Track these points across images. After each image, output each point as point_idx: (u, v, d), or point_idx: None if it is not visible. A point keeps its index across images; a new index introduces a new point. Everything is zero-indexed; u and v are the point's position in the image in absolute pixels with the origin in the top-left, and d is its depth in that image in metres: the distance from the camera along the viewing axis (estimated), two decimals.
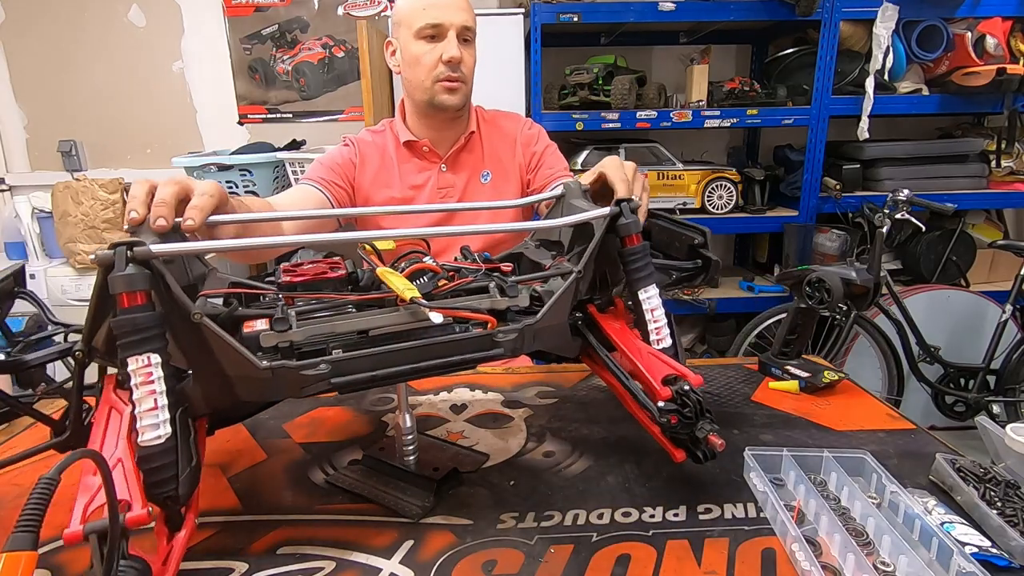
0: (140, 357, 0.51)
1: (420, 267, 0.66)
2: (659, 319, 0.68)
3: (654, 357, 0.67)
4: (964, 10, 2.37)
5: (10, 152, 2.86)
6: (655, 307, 0.69)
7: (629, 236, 0.69)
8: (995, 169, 2.64)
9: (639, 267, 0.68)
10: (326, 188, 1.21)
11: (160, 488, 0.52)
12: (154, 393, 0.52)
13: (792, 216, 2.55)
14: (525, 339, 0.65)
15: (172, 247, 0.55)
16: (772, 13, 2.32)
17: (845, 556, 0.58)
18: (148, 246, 0.52)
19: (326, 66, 2.81)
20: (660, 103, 2.43)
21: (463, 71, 1.19)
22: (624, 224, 0.68)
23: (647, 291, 0.69)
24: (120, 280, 0.50)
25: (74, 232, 2.39)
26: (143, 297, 0.51)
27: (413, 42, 1.18)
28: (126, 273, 0.51)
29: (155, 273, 0.52)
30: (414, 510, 0.69)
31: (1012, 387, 2.30)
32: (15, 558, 0.42)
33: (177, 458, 0.53)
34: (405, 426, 0.75)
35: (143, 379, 0.52)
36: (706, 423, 0.62)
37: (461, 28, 1.17)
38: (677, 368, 0.64)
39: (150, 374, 0.52)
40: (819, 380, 0.97)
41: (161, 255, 0.52)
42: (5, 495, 0.75)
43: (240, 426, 0.91)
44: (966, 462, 0.73)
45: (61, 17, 2.72)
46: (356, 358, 0.58)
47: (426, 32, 1.16)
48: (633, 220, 0.68)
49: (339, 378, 0.57)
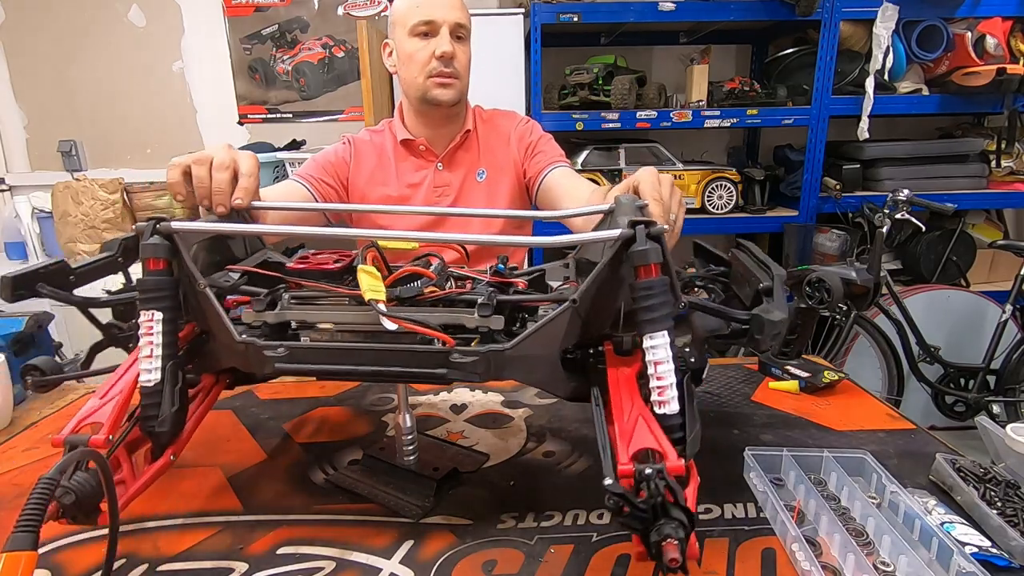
0: (147, 312, 0.60)
1: (410, 271, 0.65)
2: (663, 376, 0.55)
3: (641, 422, 0.53)
4: (964, 10, 2.37)
5: (10, 152, 2.86)
6: (660, 360, 0.54)
7: (643, 266, 0.56)
8: (995, 169, 2.64)
9: (649, 306, 0.55)
10: (312, 185, 1.23)
11: (148, 422, 0.61)
12: (151, 344, 0.60)
13: (792, 216, 2.55)
14: (492, 365, 0.59)
15: (188, 225, 0.63)
16: (772, 13, 2.33)
17: (845, 556, 0.58)
18: (170, 222, 0.61)
19: (326, 66, 2.81)
20: (660, 103, 2.43)
21: (456, 67, 1.20)
22: (637, 252, 0.55)
23: (653, 338, 0.54)
24: (146, 248, 0.61)
25: (74, 232, 2.39)
26: (163, 264, 0.61)
27: (407, 40, 1.20)
28: (150, 243, 0.61)
29: (174, 245, 0.61)
30: (414, 510, 0.69)
31: (1012, 387, 2.30)
32: (15, 558, 0.42)
33: (161, 401, 0.61)
34: (405, 426, 0.75)
35: (146, 331, 0.60)
36: (670, 525, 0.46)
37: (454, 25, 1.19)
38: (660, 445, 0.50)
39: (151, 328, 0.60)
40: (819, 380, 0.97)
41: (179, 231, 0.62)
42: (5, 495, 0.75)
43: (240, 426, 0.91)
44: (966, 462, 0.73)
45: (61, 17, 2.72)
46: (311, 348, 0.63)
47: (419, 29, 1.18)
48: (650, 248, 0.55)
49: (290, 364, 0.62)
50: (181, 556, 0.63)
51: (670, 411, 0.54)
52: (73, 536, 0.66)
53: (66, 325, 2.39)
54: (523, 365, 0.60)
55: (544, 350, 0.60)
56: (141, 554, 0.63)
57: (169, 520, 0.69)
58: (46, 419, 0.96)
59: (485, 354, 0.59)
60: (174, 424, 0.63)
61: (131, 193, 2.49)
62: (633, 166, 2.46)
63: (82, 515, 0.54)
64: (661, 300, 0.55)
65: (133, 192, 2.49)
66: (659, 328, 0.55)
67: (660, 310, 0.55)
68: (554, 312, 0.59)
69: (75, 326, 2.43)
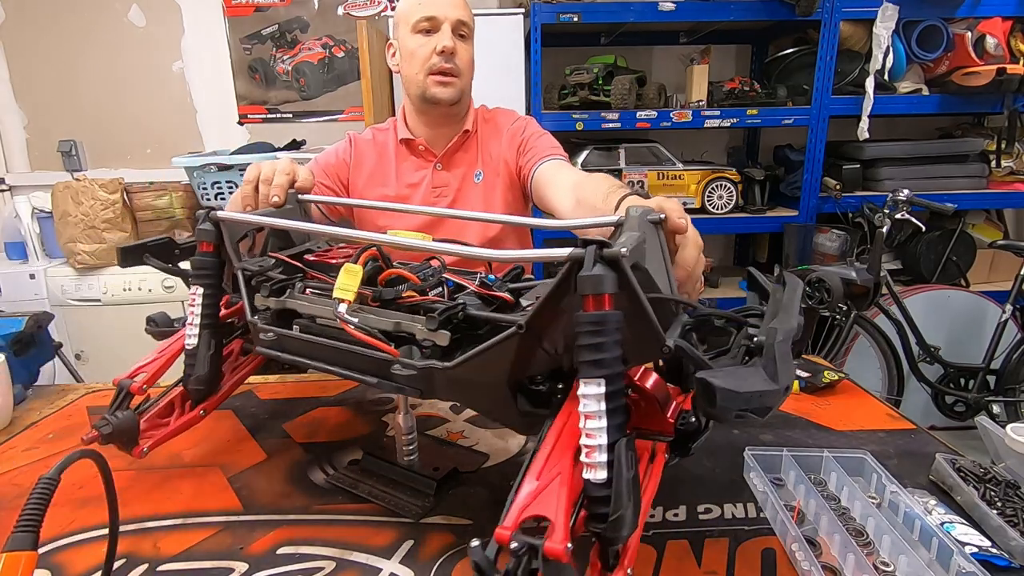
0: (193, 287, 0.73)
1: (395, 273, 0.65)
2: (592, 435, 0.44)
3: (556, 483, 0.44)
4: (964, 10, 2.37)
5: (10, 152, 2.86)
6: (591, 413, 0.44)
7: (589, 295, 0.44)
8: (995, 169, 2.64)
9: (588, 345, 0.44)
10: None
11: (188, 377, 0.75)
12: (193, 314, 0.73)
13: (792, 216, 2.55)
14: (436, 383, 0.56)
15: (229, 215, 0.73)
16: (772, 13, 2.32)
17: (845, 556, 0.58)
18: (218, 212, 0.72)
19: (326, 66, 2.81)
20: (660, 103, 2.43)
21: (457, 64, 1.20)
22: (583, 277, 0.44)
23: (587, 385, 0.44)
24: (199, 232, 0.73)
25: (74, 232, 2.39)
26: (211, 247, 0.73)
27: (410, 36, 1.20)
28: (201, 228, 0.72)
29: (219, 231, 0.72)
30: (414, 510, 0.69)
31: (1012, 387, 2.30)
32: (15, 558, 0.43)
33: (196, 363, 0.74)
34: (405, 426, 0.75)
35: (191, 303, 0.73)
36: None
37: (456, 22, 1.19)
38: (556, 517, 0.41)
39: (194, 300, 0.73)
40: (819, 380, 0.97)
41: (224, 220, 0.72)
42: (5, 495, 0.75)
43: (240, 426, 0.91)
44: (966, 462, 0.73)
45: (61, 17, 2.72)
46: (292, 338, 0.66)
47: (421, 25, 1.18)
48: (601, 275, 0.44)
49: (271, 349, 0.68)
50: (181, 556, 0.63)
51: (594, 478, 0.44)
52: (73, 536, 0.66)
53: (66, 325, 2.40)
54: (466, 388, 0.56)
55: (489, 376, 0.54)
56: (141, 554, 0.63)
57: (169, 520, 0.69)
58: (46, 419, 0.96)
59: (425, 369, 0.56)
60: (207, 383, 0.75)
61: (131, 193, 2.49)
62: (633, 166, 2.46)
63: (120, 443, 0.70)
64: (604, 340, 0.44)
65: (133, 192, 2.49)
66: (595, 374, 0.44)
67: (601, 352, 0.44)
68: (497, 337, 0.51)
69: (74, 326, 2.43)
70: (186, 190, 2.51)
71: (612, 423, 0.44)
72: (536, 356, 0.52)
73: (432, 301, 0.61)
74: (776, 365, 0.45)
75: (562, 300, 0.47)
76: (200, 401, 0.77)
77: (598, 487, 0.44)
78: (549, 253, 0.49)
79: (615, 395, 0.45)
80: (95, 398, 1.03)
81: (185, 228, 2.51)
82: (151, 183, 2.55)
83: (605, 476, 0.44)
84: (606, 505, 0.43)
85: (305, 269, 0.72)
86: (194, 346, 0.73)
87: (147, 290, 2.40)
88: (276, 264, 0.74)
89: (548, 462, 0.46)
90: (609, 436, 0.44)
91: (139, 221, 2.50)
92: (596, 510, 0.44)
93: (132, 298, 2.40)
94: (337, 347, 0.62)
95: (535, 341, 0.51)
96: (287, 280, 0.71)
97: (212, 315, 0.73)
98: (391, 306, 0.62)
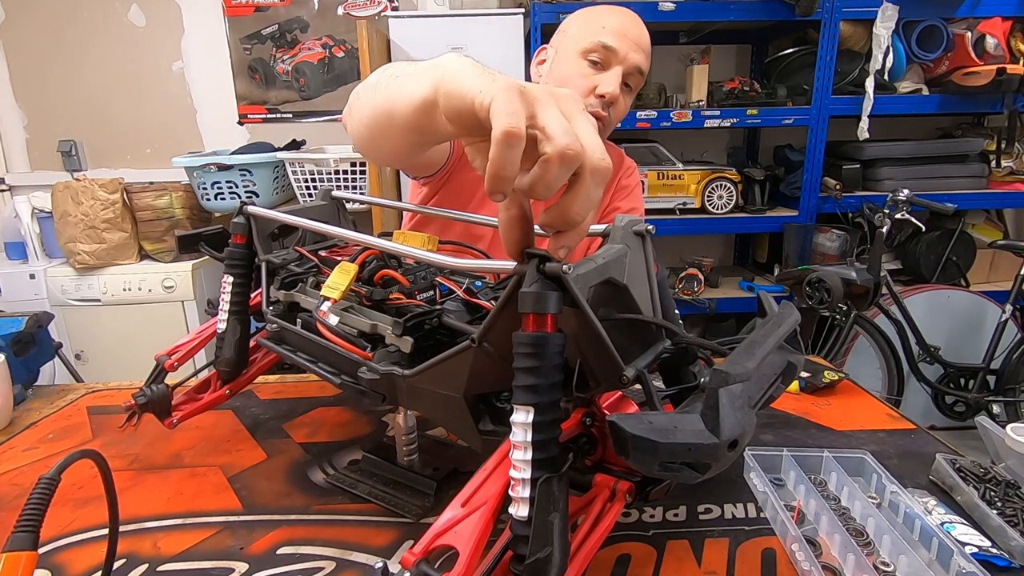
0: (225, 276, 0.76)
1: (385, 273, 0.64)
2: (517, 467, 0.40)
3: (480, 513, 0.42)
4: (964, 10, 2.37)
5: (10, 152, 2.86)
6: (518, 444, 0.40)
7: (529, 314, 0.40)
8: (995, 169, 2.64)
9: (519, 368, 0.40)
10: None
11: (216, 359, 0.79)
12: (223, 300, 0.77)
13: (792, 216, 2.55)
14: (399, 391, 0.54)
15: (258, 210, 0.75)
16: (772, 13, 2.33)
17: (845, 556, 0.58)
18: (248, 207, 0.75)
19: (326, 66, 2.81)
20: (660, 103, 2.43)
21: (610, 115, 1.02)
22: (522, 294, 0.40)
23: (517, 412, 0.40)
24: (234, 225, 0.76)
25: (74, 232, 2.39)
26: (243, 239, 0.76)
27: (574, 58, 1.02)
28: (236, 221, 0.75)
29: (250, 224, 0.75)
30: (414, 510, 0.69)
31: (1012, 387, 2.30)
32: (15, 558, 0.42)
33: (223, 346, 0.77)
34: (405, 426, 0.75)
35: (222, 290, 0.77)
36: None
37: (632, 67, 1.01)
38: (466, 551, 0.40)
39: (224, 288, 0.76)
40: (819, 380, 0.97)
41: (255, 215, 0.75)
42: (5, 495, 0.75)
43: (240, 426, 0.91)
44: (966, 462, 0.73)
45: (61, 17, 2.72)
46: (288, 332, 0.68)
47: (594, 53, 1.00)
48: (537, 293, 0.39)
49: (269, 341, 0.71)
50: (181, 556, 0.63)
51: (516, 515, 0.40)
52: (73, 536, 0.66)
53: (66, 325, 2.40)
54: (425, 399, 0.53)
55: (446, 388, 0.51)
56: (141, 554, 0.63)
57: (169, 520, 0.69)
58: (46, 419, 0.96)
59: (390, 376, 0.54)
60: (234, 366, 0.79)
61: (131, 193, 2.49)
62: None
63: (154, 412, 0.76)
64: (538, 365, 0.39)
65: (133, 192, 2.49)
66: (525, 400, 0.40)
67: (534, 376, 0.40)
68: (452, 349, 0.48)
69: (74, 326, 2.43)
70: (186, 190, 2.51)
71: (539, 456, 0.40)
72: (495, 372, 0.47)
73: (416, 305, 0.60)
74: (718, 414, 0.38)
75: (514, 316, 0.41)
76: (228, 382, 0.83)
77: (520, 525, 0.40)
78: (496, 266, 0.45)
79: (545, 426, 0.40)
80: (95, 398, 1.03)
81: (185, 228, 2.51)
82: (151, 183, 2.55)
83: (526, 513, 0.40)
84: (525, 545, 0.40)
85: (319, 263, 0.72)
86: (223, 331, 0.77)
87: (147, 290, 2.41)
88: (298, 258, 0.74)
89: (479, 490, 0.43)
90: (534, 471, 0.40)
91: (139, 221, 2.50)
92: (517, 549, 0.41)
93: (132, 298, 2.40)
94: (320, 344, 0.62)
95: (489, 356, 0.46)
96: (300, 274, 0.71)
97: (240, 303, 0.77)
98: (381, 307, 0.61)
